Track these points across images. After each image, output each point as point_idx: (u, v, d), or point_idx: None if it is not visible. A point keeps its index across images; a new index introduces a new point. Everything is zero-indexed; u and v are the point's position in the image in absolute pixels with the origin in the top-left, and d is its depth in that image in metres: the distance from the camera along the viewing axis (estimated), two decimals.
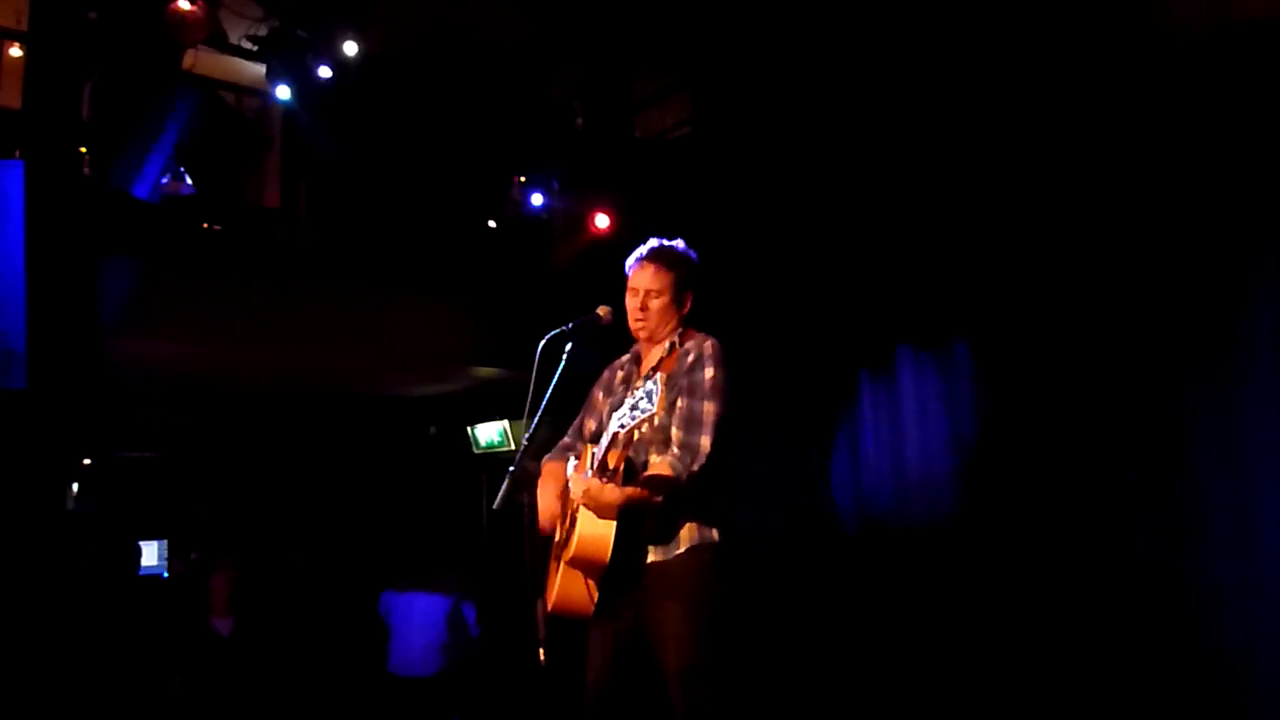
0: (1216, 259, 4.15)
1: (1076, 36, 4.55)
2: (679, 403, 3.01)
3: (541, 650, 2.96)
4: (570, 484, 3.01)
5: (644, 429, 2.86)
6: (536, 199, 6.60)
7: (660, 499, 2.87)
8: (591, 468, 2.91)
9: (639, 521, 2.90)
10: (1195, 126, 4.21)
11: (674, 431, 2.99)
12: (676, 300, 3.18)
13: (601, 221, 6.33)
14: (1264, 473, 3.95)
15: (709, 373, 3.03)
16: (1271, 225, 4.01)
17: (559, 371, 3.02)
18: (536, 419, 2.96)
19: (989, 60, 4.87)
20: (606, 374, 3.40)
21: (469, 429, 8.44)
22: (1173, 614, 4.16)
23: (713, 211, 5.85)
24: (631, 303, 3.20)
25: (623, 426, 2.74)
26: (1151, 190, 4.33)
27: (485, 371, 7.02)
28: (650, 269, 3.18)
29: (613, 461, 2.89)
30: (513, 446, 7.99)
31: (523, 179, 6.69)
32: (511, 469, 2.90)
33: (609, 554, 2.81)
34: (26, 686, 4.56)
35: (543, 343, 3.01)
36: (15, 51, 6.05)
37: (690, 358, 3.08)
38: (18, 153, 4.96)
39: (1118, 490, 4.38)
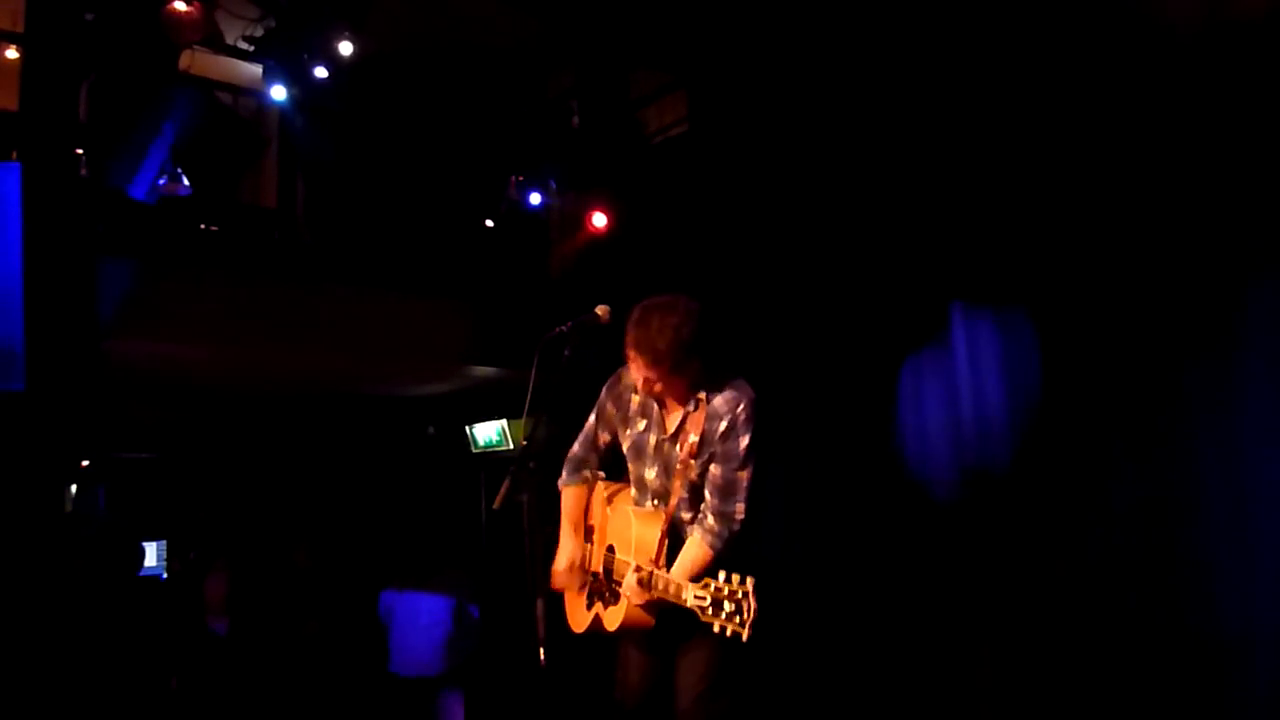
0: (1217, 254, 4.16)
1: (1083, 35, 4.57)
2: (713, 469, 3.02)
3: (542, 650, 2.96)
4: (624, 589, 3.07)
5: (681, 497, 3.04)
6: (534, 198, 6.61)
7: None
8: (650, 586, 2.95)
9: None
10: (1197, 123, 4.23)
11: (708, 497, 3.03)
12: (679, 375, 3.03)
13: (599, 220, 6.34)
14: (1263, 477, 3.98)
15: (744, 441, 3.01)
16: (1270, 221, 4.03)
17: (558, 371, 3.02)
18: (536, 420, 2.97)
19: (988, 49, 4.86)
20: (620, 388, 3.32)
21: (467, 428, 8.44)
22: (1169, 593, 4.20)
23: (710, 211, 5.86)
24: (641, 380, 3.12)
25: (702, 610, 2.70)
26: (1152, 186, 4.34)
27: (483, 371, 7.01)
28: (640, 363, 3.03)
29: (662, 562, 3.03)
30: (511, 446, 7.99)
31: (520, 178, 6.70)
32: (512, 469, 2.91)
33: (654, 623, 3.04)
34: (25, 687, 4.57)
35: (541, 343, 3.01)
36: (11, 53, 6.04)
37: (723, 425, 3.01)
38: (14, 154, 4.96)
39: (1116, 481, 4.41)
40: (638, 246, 6.06)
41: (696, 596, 2.69)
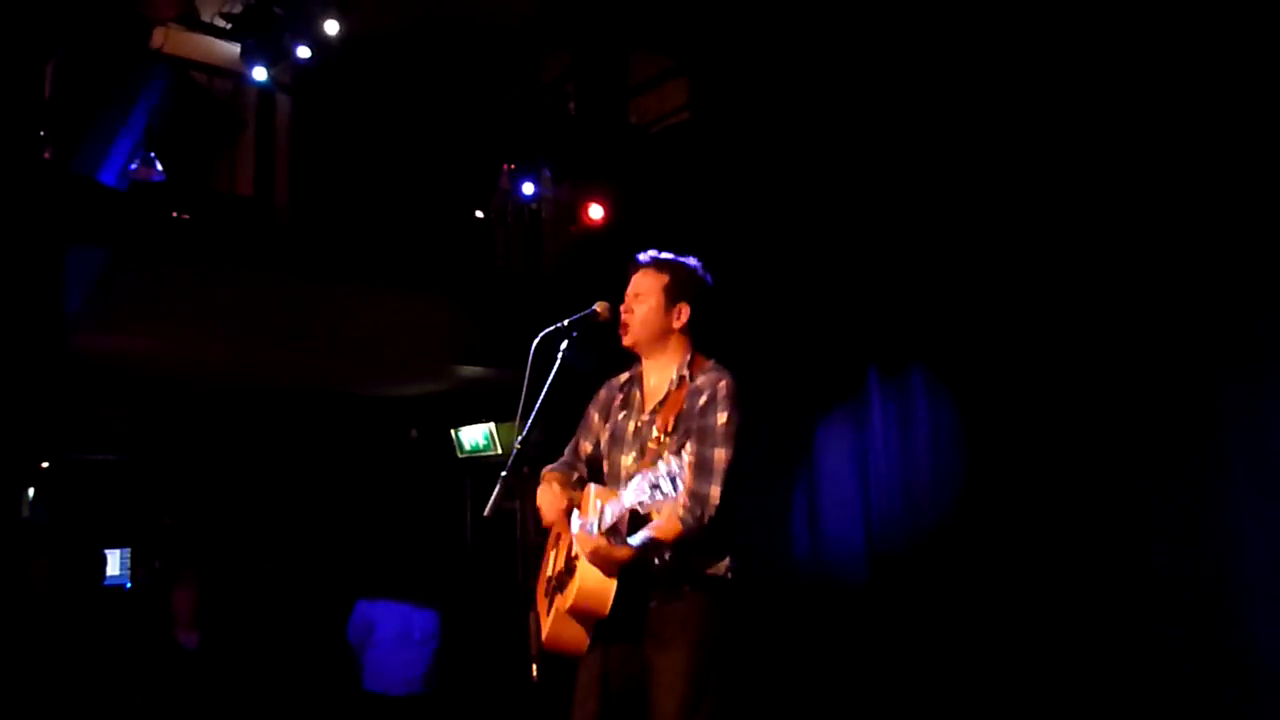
0: (1249, 259, 4.17)
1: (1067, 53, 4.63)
2: (689, 447, 2.98)
3: (534, 666, 2.95)
4: (575, 539, 2.98)
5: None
6: (527, 188, 6.61)
7: (668, 553, 2.91)
8: (598, 524, 2.86)
9: (642, 572, 2.91)
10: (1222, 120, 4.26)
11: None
12: (665, 307, 3.09)
13: (595, 212, 6.35)
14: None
15: (722, 418, 2.98)
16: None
17: (554, 371, 2.99)
18: (530, 421, 2.93)
19: (1002, 41, 4.88)
20: (604, 393, 3.34)
21: (452, 432, 8.43)
22: (1199, 620, 4.23)
23: (710, 203, 5.85)
24: (622, 311, 3.16)
25: (641, 505, 2.68)
26: (1179, 191, 4.36)
27: (470, 370, 7.00)
28: (639, 273, 3.13)
29: (623, 528, 2.90)
30: (499, 451, 7.97)
31: (512, 167, 6.71)
32: (504, 474, 2.87)
33: (609, 608, 2.86)
34: None
35: (537, 340, 2.98)
36: None
37: (703, 399, 3.03)
38: None
39: (1138, 499, 4.43)
40: (636, 240, 6.06)
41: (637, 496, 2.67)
